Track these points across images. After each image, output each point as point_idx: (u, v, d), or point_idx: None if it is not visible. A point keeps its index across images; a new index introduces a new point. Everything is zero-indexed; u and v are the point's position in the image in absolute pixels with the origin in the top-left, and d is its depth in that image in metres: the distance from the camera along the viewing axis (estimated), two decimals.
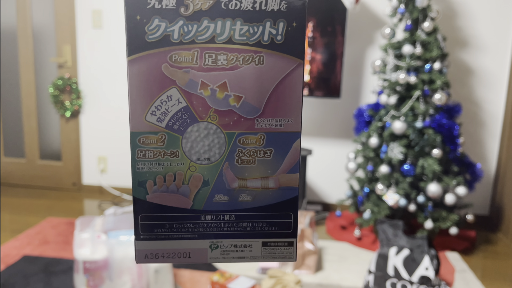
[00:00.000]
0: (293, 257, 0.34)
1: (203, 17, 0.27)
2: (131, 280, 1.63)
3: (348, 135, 2.86)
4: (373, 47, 2.75)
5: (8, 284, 1.81)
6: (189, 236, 0.32)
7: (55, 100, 3.05)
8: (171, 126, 0.29)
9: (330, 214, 2.83)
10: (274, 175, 0.32)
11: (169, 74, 0.27)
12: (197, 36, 0.27)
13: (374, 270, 1.81)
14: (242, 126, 0.30)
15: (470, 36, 2.67)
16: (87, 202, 2.99)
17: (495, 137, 2.75)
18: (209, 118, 0.29)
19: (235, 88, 0.28)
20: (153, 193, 0.30)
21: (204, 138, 0.29)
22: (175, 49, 0.27)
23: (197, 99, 0.28)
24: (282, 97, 0.29)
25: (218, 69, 0.28)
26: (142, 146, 0.29)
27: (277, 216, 0.32)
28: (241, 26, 0.27)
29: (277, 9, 0.27)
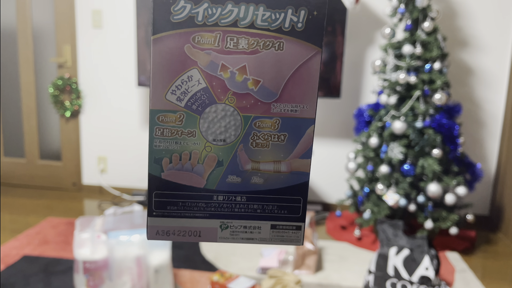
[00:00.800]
0: (300, 241, 0.34)
1: (227, 0, 0.27)
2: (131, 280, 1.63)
3: (348, 135, 2.86)
4: (373, 47, 2.75)
5: (8, 284, 1.81)
6: (201, 215, 0.32)
7: (55, 100, 3.05)
8: (190, 106, 0.29)
9: (330, 214, 2.83)
10: (286, 159, 0.32)
11: (191, 54, 0.28)
12: (220, 19, 0.27)
13: (374, 270, 1.81)
14: (258, 110, 0.30)
15: (470, 36, 2.67)
16: (87, 202, 2.99)
17: (495, 137, 2.75)
18: (227, 100, 0.30)
19: (254, 72, 0.29)
20: (168, 171, 0.31)
21: (221, 119, 0.30)
22: (198, 30, 0.28)
23: (216, 81, 0.29)
24: (299, 83, 0.30)
25: (239, 52, 0.28)
26: (161, 124, 0.30)
27: (287, 200, 0.33)
28: (264, 11, 0.28)
29: None
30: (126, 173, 3.12)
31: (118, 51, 2.96)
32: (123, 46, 2.95)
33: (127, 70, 2.97)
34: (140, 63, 2.72)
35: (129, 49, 2.94)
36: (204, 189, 0.32)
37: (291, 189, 0.33)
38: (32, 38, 3.05)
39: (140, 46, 2.70)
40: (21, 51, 3.07)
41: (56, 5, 2.97)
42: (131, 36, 2.92)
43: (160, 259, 1.67)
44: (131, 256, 1.62)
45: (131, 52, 2.94)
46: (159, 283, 1.68)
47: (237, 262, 2.09)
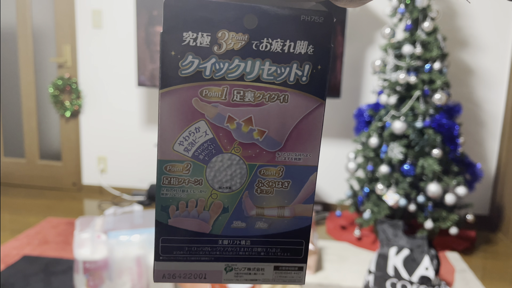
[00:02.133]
0: (302, 281, 0.36)
1: (234, 56, 0.28)
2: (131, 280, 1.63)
3: (348, 135, 2.86)
4: (373, 47, 2.75)
5: (8, 284, 1.81)
6: (206, 258, 0.34)
7: (55, 100, 3.05)
8: (197, 156, 0.31)
9: (330, 214, 2.83)
10: (290, 205, 0.33)
11: (198, 107, 0.29)
12: (227, 74, 0.29)
13: (374, 270, 1.81)
14: (263, 159, 0.31)
15: (470, 36, 2.67)
16: (87, 202, 2.99)
17: (495, 137, 2.75)
18: (233, 150, 0.31)
19: (260, 123, 0.30)
20: (174, 218, 0.32)
21: (227, 168, 0.31)
22: (206, 84, 0.29)
23: (223, 132, 0.30)
24: (303, 133, 0.31)
25: (245, 105, 0.30)
26: (168, 173, 0.31)
27: (290, 243, 0.34)
28: (270, 66, 0.29)
29: (304, 52, 0.29)
30: (126, 173, 3.12)
31: (118, 51, 2.96)
32: (123, 46, 2.95)
33: (127, 70, 2.97)
34: (140, 63, 2.72)
35: (129, 49, 2.94)
36: (210, 234, 0.33)
37: (294, 232, 0.34)
38: (32, 38, 3.05)
39: (140, 46, 2.70)
40: (21, 51, 3.07)
41: (56, 5, 2.97)
42: (131, 36, 2.93)
43: None
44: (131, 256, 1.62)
45: (131, 52, 2.94)
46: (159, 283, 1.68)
47: None
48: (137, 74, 2.74)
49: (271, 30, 0.28)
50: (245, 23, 0.28)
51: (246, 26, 0.28)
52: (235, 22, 0.28)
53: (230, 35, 0.28)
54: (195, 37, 0.27)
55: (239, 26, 0.28)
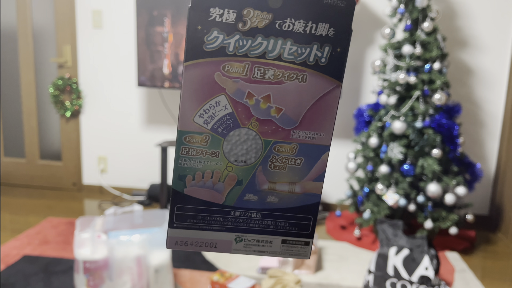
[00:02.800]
0: (307, 255, 0.37)
1: (257, 34, 0.29)
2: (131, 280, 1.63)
3: (348, 135, 2.87)
4: (373, 47, 2.76)
5: (8, 284, 1.81)
6: (218, 228, 0.35)
7: (55, 100, 3.05)
8: (216, 129, 0.32)
9: (330, 214, 2.84)
10: (300, 182, 0.35)
11: (220, 82, 0.30)
12: (250, 51, 0.30)
13: (374, 270, 1.82)
14: (278, 135, 0.33)
15: (470, 36, 2.67)
16: (87, 202, 2.99)
17: (495, 137, 2.76)
18: (250, 125, 0.32)
19: (277, 101, 0.31)
20: (190, 187, 0.33)
21: (243, 142, 0.33)
22: (228, 60, 0.30)
23: (242, 107, 0.31)
24: (318, 113, 0.32)
25: (265, 82, 0.31)
26: (187, 144, 0.32)
27: (299, 218, 0.36)
28: (291, 46, 0.30)
29: (325, 35, 0.30)
30: (126, 173, 3.12)
31: (118, 51, 2.96)
32: (123, 46, 2.95)
33: (127, 70, 2.98)
34: (140, 63, 2.72)
35: (129, 49, 2.95)
36: (223, 205, 0.34)
37: (303, 208, 0.36)
38: (32, 38, 3.06)
39: (140, 46, 2.70)
40: (21, 51, 3.08)
41: (56, 5, 2.97)
42: (131, 36, 2.93)
43: (160, 259, 1.68)
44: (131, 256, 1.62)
45: (131, 52, 2.95)
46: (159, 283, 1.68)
47: (237, 262, 2.09)
48: (137, 74, 2.74)
49: (294, 11, 0.29)
50: (270, 2, 0.29)
51: (270, 5, 0.29)
52: (260, 0, 0.28)
53: (255, 13, 0.29)
54: (221, 13, 0.28)
55: (264, 5, 0.28)
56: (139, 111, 3.02)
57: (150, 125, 3.03)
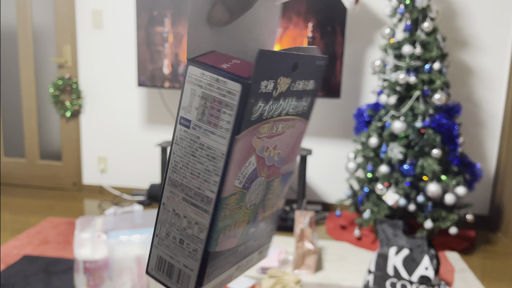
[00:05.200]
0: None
1: (281, 97, 0.33)
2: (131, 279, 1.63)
3: (348, 135, 2.87)
4: (373, 47, 2.76)
5: (8, 284, 1.81)
6: (230, 266, 0.38)
7: (55, 100, 3.05)
8: (244, 185, 0.34)
9: (330, 214, 2.84)
10: (277, 203, 0.40)
11: (254, 144, 0.33)
12: (274, 112, 0.34)
13: (374, 270, 1.82)
14: (275, 174, 0.37)
15: (469, 36, 2.67)
16: (87, 202, 2.99)
17: (495, 137, 2.76)
18: (263, 173, 0.36)
19: (280, 147, 0.36)
20: (220, 243, 0.35)
21: (257, 189, 0.36)
22: (262, 123, 0.33)
23: (261, 161, 0.35)
24: (295, 148, 0.38)
25: (276, 135, 0.35)
26: (225, 206, 0.34)
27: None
28: (294, 102, 0.35)
29: (311, 88, 0.36)
30: (126, 173, 3.13)
31: (118, 51, 2.96)
32: (123, 46, 2.95)
33: (127, 70, 2.98)
34: (140, 63, 2.72)
35: (129, 49, 2.95)
36: (236, 246, 0.37)
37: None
38: (32, 38, 3.06)
39: (140, 46, 2.70)
40: (21, 51, 3.08)
41: (56, 5, 2.98)
42: (131, 36, 2.93)
43: None
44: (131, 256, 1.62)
45: (131, 52, 2.95)
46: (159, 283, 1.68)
47: None
48: (137, 74, 2.74)
49: (302, 73, 0.34)
50: (292, 68, 0.33)
51: (292, 71, 0.33)
52: (287, 68, 0.32)
53: (283, 80, 0.32)
54: (266, 84, 0.31)
55: (288, 71, 0.32)
56: (139, 111, 3.02)
57: (150, 125, 3.03)
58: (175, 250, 0.35)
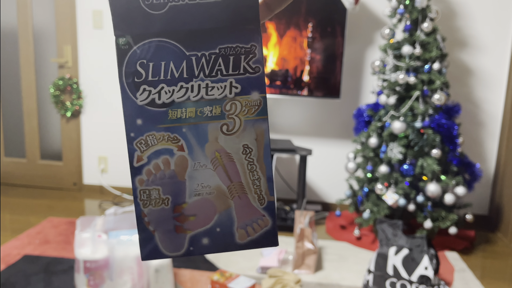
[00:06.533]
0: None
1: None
2: (131, 279, 1.64)
3: (347, 135, 2.87)
4: (373, 48, 2.76)
5: (8, 283, 1.82)
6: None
7: (55, 100, 3.06)
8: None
9: (330, 214, 2.84)
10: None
11: None
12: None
13: (374, 270, 1.82)
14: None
15: (469, 37, 2.67)
16: (88, 202, 2.99)
17: (494, 137, 2.76)
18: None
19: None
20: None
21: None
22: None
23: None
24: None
25: None
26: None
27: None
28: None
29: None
30: (127, 173, 3.13)
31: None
32: None
33: None
34: None
35: None
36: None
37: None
38: (32, 38, 3.06)
39: None
40: (22, 51, 3.08)
41: (56, 5, 2.98)
42: None
43: None
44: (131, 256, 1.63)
45: None
46: (159, 282, 1.69)
47: (237, 261, 2.10)
48: None
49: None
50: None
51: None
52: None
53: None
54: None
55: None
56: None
57: None
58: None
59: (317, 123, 2.89)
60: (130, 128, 0.34)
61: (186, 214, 0.36)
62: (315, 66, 2.59)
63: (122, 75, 0.34)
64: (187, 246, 0.36)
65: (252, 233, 0.36)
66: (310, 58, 2.59)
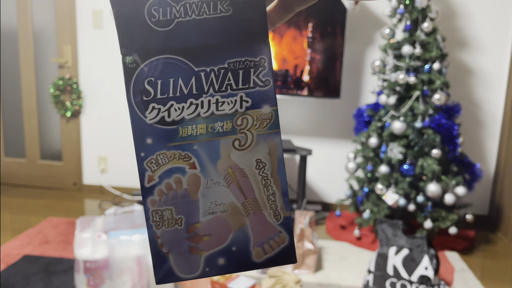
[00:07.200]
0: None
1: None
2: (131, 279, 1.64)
3: (347, 135, 2.87)
4: (373, 48, 2.76)
5: (8, 283, 1.82)
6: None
7: (55, 100, 3.06)
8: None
9: (330, 214, 2.84)
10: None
11: None
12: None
13: (374, 270, 1.82)
14: None
15: (469, 36, 2.67)
16: (88, 202, 2.99)
17: (495, 137, 2.76)
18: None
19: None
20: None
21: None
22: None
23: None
24: None
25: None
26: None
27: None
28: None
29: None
30: (127, 173, 3.13)
31: (118, 51, 2.97)
32: None
33: None
34: None
35: None
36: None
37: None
38: (32, 38, 3.06)
39: None
40: (21, 51, 3.08)
41: (56, 5, 2.98)
42: None
43: None
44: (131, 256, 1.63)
45: None
46: None
47: None
48: None
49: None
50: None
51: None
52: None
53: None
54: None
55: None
56: None
57: None
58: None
59: (317, 123, 2.89)
60: (140, 147, 0.34)
61: (200, 234, 0.35)
62: (315, 66, 2.59)
63: (130, 94, 0.33)
64: (202, 267, 0.35)
65: (269, 250, 0.35)
66: (310, 58, 2.59)
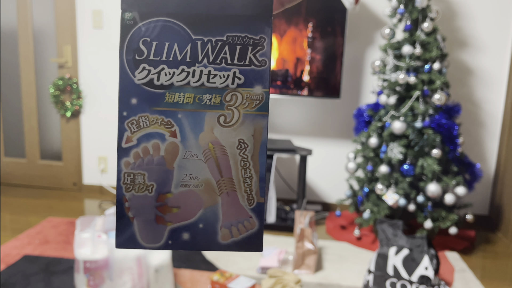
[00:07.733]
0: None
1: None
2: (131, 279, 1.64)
3: (348, 135, 2.87)
4: (373, 48, 2.76)
5: (8, 283, 1.82)
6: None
7: (55, 100, 3.06)
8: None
9: (330, 214, 2.84)
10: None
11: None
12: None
13: (374, 270, 1.82)
14: None
15: (469, 36, 2.67)
16: (88, 202, 2.99)
17: (495, 137, 2.76)
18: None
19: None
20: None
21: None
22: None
23: None
24: None
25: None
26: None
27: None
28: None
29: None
30: None
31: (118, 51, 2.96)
32: None
33: None
34: None
35: None
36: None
37: None
38: (32, 38, 3.06)
39: None
40: (21, 51, 3.08)
41: (56, 5, 2.98)
42: None
43: (161, 259, 1.68)
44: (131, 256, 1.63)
45: None
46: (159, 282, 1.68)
47: (237, 261, 2.10)
48: None
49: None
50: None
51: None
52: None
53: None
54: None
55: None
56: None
57: None
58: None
59: (317, 123, 2.89)
60: (123, 106, 0.33)
61: (169, 205, 0.33)
62: (315, 66, 2.59)
63: (123, 51, 0.33)
64: (165, 239, 0.34)
65: (237, 234, 0.34)
66: (310, 58, 2.59)
